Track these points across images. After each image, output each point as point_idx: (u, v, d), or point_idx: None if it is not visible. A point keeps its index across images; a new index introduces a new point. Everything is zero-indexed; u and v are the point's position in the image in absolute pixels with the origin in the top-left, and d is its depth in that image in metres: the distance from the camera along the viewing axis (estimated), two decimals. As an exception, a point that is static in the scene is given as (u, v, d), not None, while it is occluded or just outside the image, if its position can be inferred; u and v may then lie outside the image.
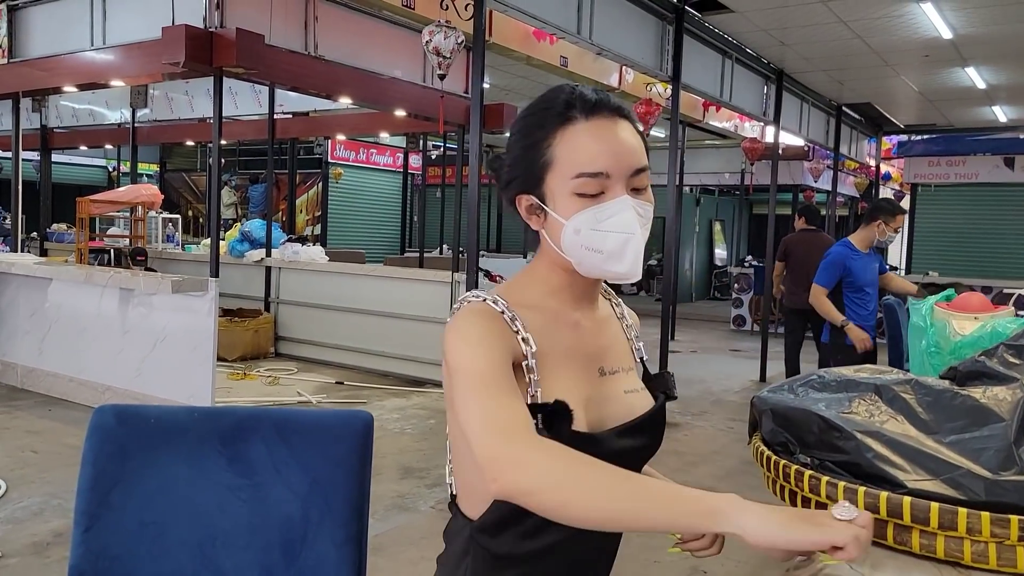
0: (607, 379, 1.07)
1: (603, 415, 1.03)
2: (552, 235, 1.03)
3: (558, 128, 1.00)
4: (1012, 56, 6.84)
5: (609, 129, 1.00)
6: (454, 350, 0.96)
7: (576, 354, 1.05)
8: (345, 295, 6.96)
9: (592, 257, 1.00)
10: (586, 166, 0.98)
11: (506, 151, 1.09)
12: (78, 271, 5.57)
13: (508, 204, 1.08)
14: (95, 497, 1.32)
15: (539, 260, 1.10)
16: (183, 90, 8.87)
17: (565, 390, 1.00)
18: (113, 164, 14.30)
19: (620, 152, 1.00)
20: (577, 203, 0.99)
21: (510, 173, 1.06)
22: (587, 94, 1.02)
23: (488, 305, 1.00)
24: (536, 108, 1.05)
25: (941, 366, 1.51)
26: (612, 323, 1.16)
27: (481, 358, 0.93)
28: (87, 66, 5.57)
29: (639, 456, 1.08)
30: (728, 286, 13.61)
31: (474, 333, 0.96)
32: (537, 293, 1.07)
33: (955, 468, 1.18)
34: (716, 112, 8.37)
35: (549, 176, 1.01)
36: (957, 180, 11.86)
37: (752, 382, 7.24)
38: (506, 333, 0.98)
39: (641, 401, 1.09)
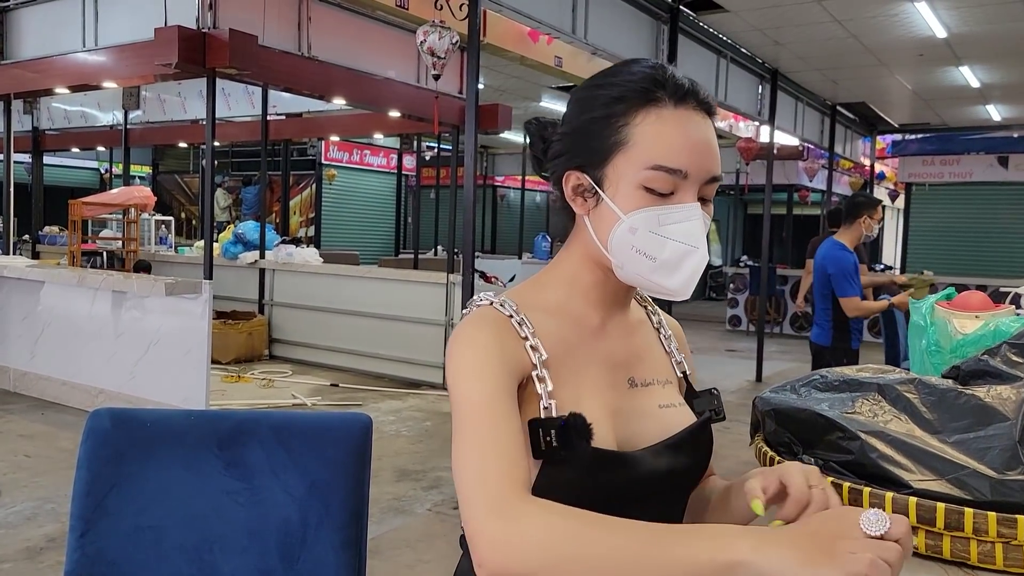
0: (639, 391, 0.96)
1: (634, 431, 0.92)
2: (599, 226, 0.91)
3: (642, 107, 0.88)
4: (1006, 55, 6.87)
5: (697, 124, 0.89)
6: (452, 370, 0.86)
7: (601, 362, 0.94)
8: (339, 297, 6.94)
9: (640, 263, 0.89)
10: (666, 159, 0.86)
11: (564, 120, 0.96)
12: (71, 274, 5.54)
13: (552, 178, 0.97)
14: (90, 502, 1.30)
15: (570, 253, 0.97)
16: (176, 91, 8.84)
17: (586, 401, 0.89)
18: (105, 166, 14.26)
19: (703, 153, 0.89)
20: (642, 198, 0.87)
21: (565, 144, 0.94)
22: (679, 77, 0.90)
23: (494, 309, 0.90)
24: (615, 78, 0.92)
25: (942, 365, 1.51)
26: (646, 331, 1.04)
27: (478, 390, 0.82)
28: (79, 67, 5.54)
29: (679, 480, 0.95)
30: (724, 286, 13.64)
31: (474, 354, 0.85)
32: (559, 293, 0.96)
33: (960, 468, 1.17)
34: (710, 112, 8.36)
35: (618, 158, 0.88)
36: (951, 179, 11.91)
37: (748, 382, 7.24)
38: (511, 343, 0.87)
39: (680, 417, 0.97)
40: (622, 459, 0.87)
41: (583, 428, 0.83)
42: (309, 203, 13.38)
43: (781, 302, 10.58)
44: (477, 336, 0.87)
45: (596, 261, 0.94)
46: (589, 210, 0.92)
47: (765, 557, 0.67)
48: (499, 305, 0.91)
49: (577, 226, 0.96)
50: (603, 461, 0.84)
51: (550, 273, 0.98)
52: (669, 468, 0.92)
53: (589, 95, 0.93)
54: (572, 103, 0.96)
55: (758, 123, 8.36)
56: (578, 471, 0.83)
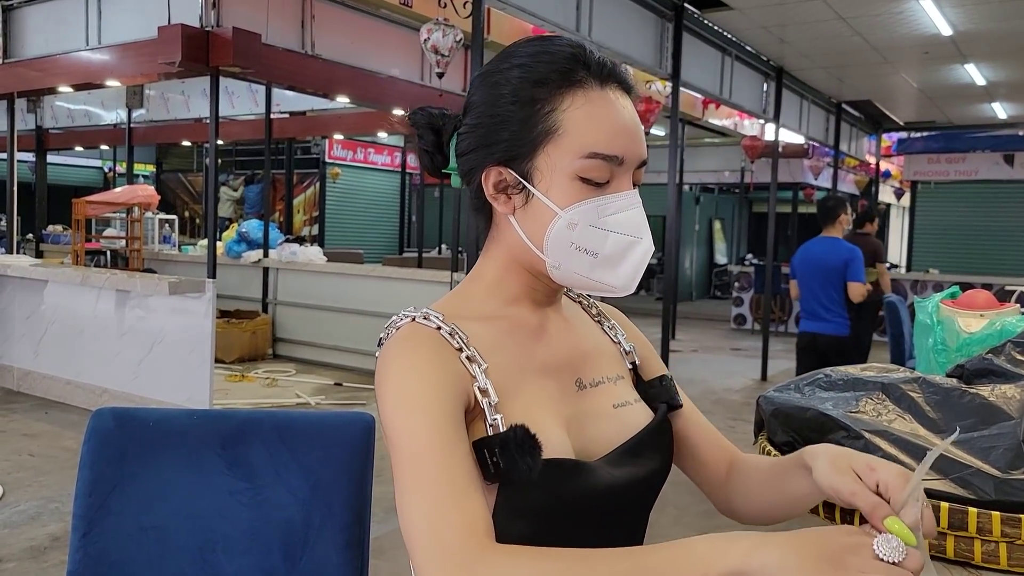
0: (589, 393, 0.87)
1: (590, 437, 0.84)
2: (529, 224, 0.82)
3: (567, 90, 0.80)
4: (1012, 52, 6.84)
5: (624, 105, 0.82)
6: (386, 404, 0.75)
7: (545, 367, 0.84)
8: (343, 296, 6.94)
9: (580, 260, 0.80)
10: (602, 145, 0.79)
11: (471, 108, 0.85)
12: (74, 273, 5.55)
13: (463, 177, 0.87)
14: (93, 501, 1.30)
15: (490, 257, 0.88)
16: (179, 90, 8.85)
17: (536, 411, 0.80)
18: (109, 165, 14.29)
19: (634, 136, 0.82)
20: (579, 189, 0.79)
21: (478, 136, 0.83)
22: (597, 54, 0.82)
23: (419, 325, 0.80)
24: (530, 59, 0.82)
25: (947, 364, 1.50)
26: (586, 324, 0.96)
27: (421, 424, 0.72)
28: (82, 66, 5.55)
29: (646, 486, 0.87)
30: (729, 285, 13.61)
31: (407, 382, 0.75)
32: (487, 304, 0.86)
33: (964, 467, 1.17)
34: (716, 110, 8.36)
35: (549, 147, 0.80)
36: (957, 177, 11.88)
37: (753, 381, 7.23)
38: (447, 358, 0.77)
39: (636, 416, 0.89)
40: (580, 467, 0.79)
41: (527, 441, 0.73)
42: (313, 201, 13.39)
43: (786, 300, 10.56)
44: (407, 359, 0.77)
45: (524, 264, 0.85)
46: (515, 208, 0.83)
47: (762, 562, 0.60)
48: (423, 319, 0.81)
49: (497, 228, 0.87)
50: (560, 472, 0.76)
51: (472, 284, 0.89)
52: (634, 475, 0.84)
53: (502, 79, 0.82)
54: (481, 88, 0.84)
55: (763, 121, 8.33)
56: (534, 489, 0.74)
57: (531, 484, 0.74)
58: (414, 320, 0.81)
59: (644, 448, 0.86)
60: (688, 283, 15.14)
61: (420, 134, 0.89)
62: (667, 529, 3.42)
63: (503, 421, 0.76)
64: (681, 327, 10.20)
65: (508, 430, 0.74)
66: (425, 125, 0.89)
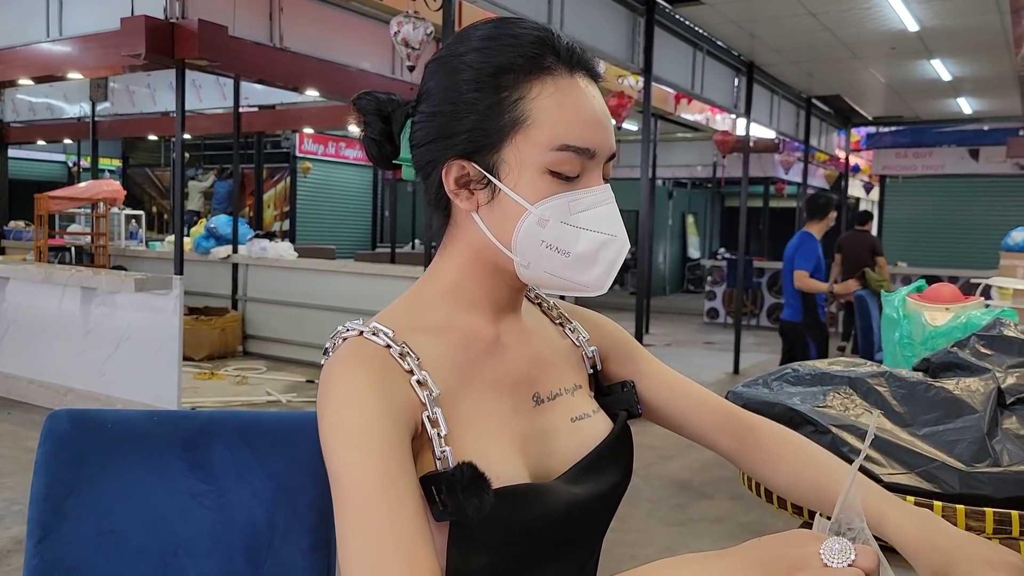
0: (546, 408, 0.83)
1: (547, 455, 0.80)
2: (496, 222, 0.76)
3: (536, 77, 0.75)
4: (976, 48, 6.95)
5: (593, 95, 0.77)
6: (326, 432, 0.70)
7: (500, 383, 0.80)
8: (315, 292, 6.88)
9: (551, 259, 0.76)
10: (574, 137, 0.74)
11: (427, 95, 0.78)
12: (37, 270, 5.43)
13: (419, 170, 0.80)
14: (49, 506, 1.26)
15: (449, 258, 0.82)
16: (145, 83, 8.70)
17: (489, 436, 0.76)
18: (73, 159, 14.00)
19: (605, 127, 0.77)
20: (549, 184, 0.74)
21: (437, 126, 0.77)
22: (565, 39, 0.77)
23: (366, 341, 0.74)
24: (494, 42, 0.76)
25: (914, 357, 1.51)
26: (546, 330, 0.90)
27: (362, 461, 0.66)
28: (44, 58, 5.43)
29: (607, 500, 0.84)
30: (701, 279, 13.72)
31: (350, 410, 0.69)
32: (443, 309, 0.81)
33: (930, 461, 1.18)
34: (688, 105, 8.40)
35: (516, 140, 0.74)
36: (924, 172, 12.07)
37: (726, 374, 7.29)
38: (395, 382, 0.72)
39: (595, 428, 0.85)
40: (537, 491, 0.75)
41: (474, 481, 0.69)
42: (283, 196, 13.25)
43: (758, 294, 10.66)
44: (350, 383, 0.71)
45: (487, 264, 0.79)
46: (479, 205, 0.77)
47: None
48: (371, 335, 0.74)
49: (456, 225, 0.81)
50: (516, 500, 0.72)
51: (427, 286, 0.83)
52: (593, 493, 0.80)
53: (461, 64, 0.76)
54: (438, 74, 0.78)
55: (734, 116, 8.40)
56: (488, 522, 0.70)
57: (483, 520, 0.69)
58: (361, 335, 0.75)
59: (603, 461, 0.83)
60: (661, 277, 15.23)
61: (367, 121, 0.83)
62: (641, 522, 3.43)
63: (452, 454, 0.72)
64: (654, 321, 10.25)
65: (455, 469, 0.69)
66: (372, 111, 0.82)
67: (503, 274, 0.80)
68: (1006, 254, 4.65)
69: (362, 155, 8.18)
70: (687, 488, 3.98)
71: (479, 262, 0.80)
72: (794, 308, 4.75)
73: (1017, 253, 4.56)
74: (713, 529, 3.41)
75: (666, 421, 0.96)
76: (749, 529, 3.38)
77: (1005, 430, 1.16)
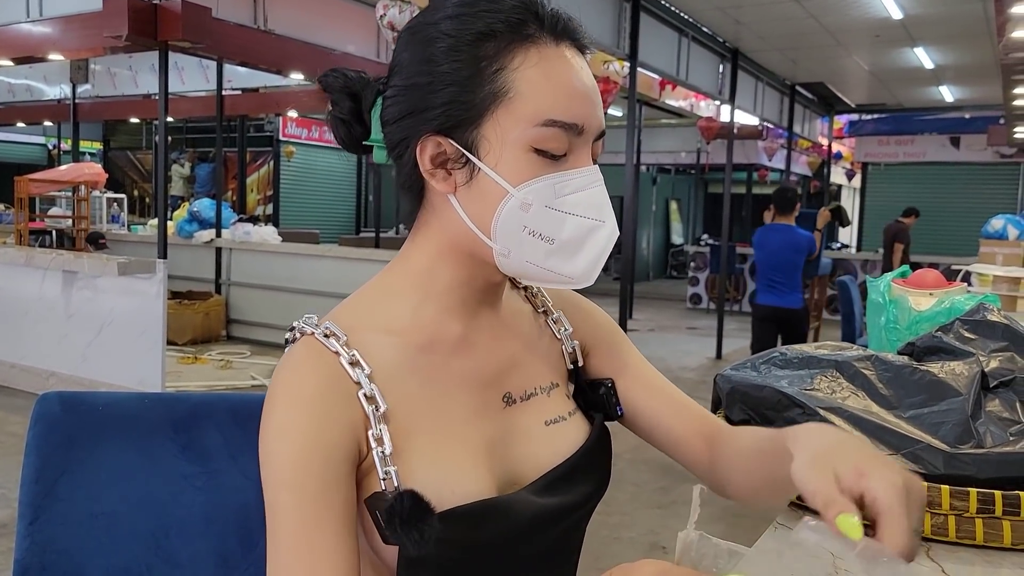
0: (517, 409, 0.76)
1: (517, 461, 0.74)
2: (475, 205, 0.70)
3: (519, 45, 0.68)
4: (958, 36, 7.00)
5: (581, 66, 0.71)
6: (264, 455, 0.68)
7: (466, 383, 0.74)
8: (299, 276, 6.85)
9: (533, 247, 0.69)
10: (560, 111, 0.67)
11: (398, 68, 0.72)
12: (17, 253, 5.36)
13: (391, 149, 0.73)
14: (40, 488, 1.26)
15: (421, 245, 0.75)
16: (126, 65, 8.58)
17: (448, 442, 0.70)
18: (53, 142, 13.81)
19: (594, 102, 0.70)
20: (532, 163, 0.67)
21: (410, 100, 0.70)
22: (549, 6, 0.72)
23: (319, 345, 0.69)
24: (471, 8, 0.69)
25: (899, 341, 1.54)
26: (525, 322, 0.82)
27: (294, 502, 0.64)
28: (23, 39, 5.33)
29: (580, 512, 0.77)
30: (685, 265, 13.78)
31: (295, 441, 0.65)
32: (410, 300, 0.74)
33: (915, 442, 1.20)
34: (672, 91, 8.40)
35: (499, 114, 0.67)
36: (906, 159, 12.17)
37: (709, 359, 7.35)
38: (339, 398, 0.68)
39: (570, 433, 0.78)
40: (496, 507, 0.69)
41: (415, 511, 0.64)
42: (267, 180, 13.14)
43: (741, 280, 10.72)
44: (292, 410, 0.67)
45: (462, 252, 0.73)
46: (457, 186, 0.70)
47: None
48: (323, 336, 0.70)
49: (431, 209, 0.74)
50: (471, 520, 0.67)
51: (395, 274, 0.77)
52: (563, 504, 0.74)
53: (436, 32, 0.69)
54: (412, 44, 0.71)
55: (719, 102, 8.41)
56: (441, 545, 0.65)
57: (433, 544, 0.65)
58: (313, 334, 0.70)
59: (577, 472, 0.76)
60: (645, 263, 15.28)
61: (334, 99, 0.77)
62: (624, 505, 3.47)
63: (398, 474, 0.67)
64: (638, 307, 10.29)
65: (394, 498, 0.65)
66: (340, 89, 0.76)
67: (480, 265, 0.73)
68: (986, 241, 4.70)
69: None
70: (671, 471, 4.02)
71: (454, 250, 0.73)
72: (797, 294, 4.81)
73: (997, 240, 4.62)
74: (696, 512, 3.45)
75: (642, 424, 0.89)
76: (731, 511, 3.42)
77: (988, 413, 1.18)
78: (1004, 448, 1.09)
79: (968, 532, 1.11)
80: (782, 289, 4.80)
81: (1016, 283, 2.91)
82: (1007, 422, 1.17)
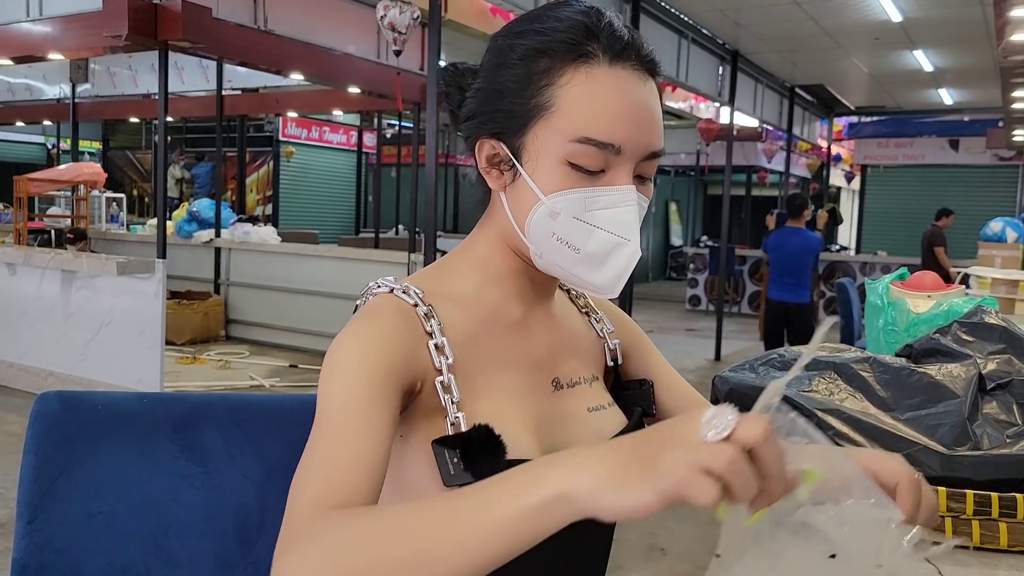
0: (564, 394, 0.81)
1: (561, 441, 0.78)
2: (516, 205, 0.76)
3: (570, 63, 0.73)
4: (957, 40, 7.01)
5: (635, 87, 0.74)
6: (325, 367, 0.70)
7: (520, 362, 0.79)
8: (298, 276, 6.84)
9: (561, 253, 0.74)
10: (597, 130, 0.71)
11: (480, 71, 0.79)
12: (16, 252, 5.36)
13: (465, 142, 0.81)
14: (39, 487, 1.26)
15: (484, 233, 0.82)
16: (126, 64, 8.58)
17: (504, 410, 0.74)
18: (52, 141, 13.81)
19: (643, 123, 0.74)
20: (567, 176, 0.73)
21: (479, 102, 0.78)
22: (616, 27, 0.74)
23: (395, 297, 0.75)
24: (538, 24, 0.75)
25: (897, 343, 1.54)
26: (571, 318, 0.89)
27: (344, 393, 0.66)
28: (23, 38, 5.34)
29: None
30: (684, 266, 13.78)
31: (352, 348, 0.69)
32: (472, 281, 0.80)
33: (912, 444, 1.20)
34: (672, 92, 8.41)
35: (540, 125, 0.73)
36: (905, 161, 12.18)
37: (707, 361, 7.35)
38: (410, 338, 0.72)
39: (610, 422, 0.83)
40: None
41: (490, 441, 0.68)
42: (266, 180, 13.14)
43: (740, 282, 10.73)
44: (363, 327, 0.72)
45: (513, 245, 0.79)
46: (505, 185, 0.77)
47: (576, 483, 0.51)
48: (401, 292, 0.75)
49: (493, 202, 0.81)
50: None
51: (460, 256, 0.83)
52: None
53: (508, 44, 0.76)
54: (490, 52, 0.79)
55: (718, 104, 8.42)
56: None
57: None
58: (392, 292, 0.76)
59: None
60: (644, 265, 15.29)
61: (447, 92, 0.82)
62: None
63: (465, 420, 0.71)
64: (637, 308, 10.28)
65: (471, 429, 0.69)
66: (453, 83, 0.81)
67: (528, 259, 0.79)
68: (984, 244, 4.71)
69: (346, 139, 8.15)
70: (670, 473, 4.02)
71: (506, 242, 0.80)
72: (806, 290, 5.44)
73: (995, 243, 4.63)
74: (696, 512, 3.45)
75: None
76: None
77: (985, 415, 1.18)
78: (1001, 450, 1.09)
79: (964, 532, 1.11)
80: (793, 286, 5.39)
81: (1014, 286, 2.91)
82: (1004, 424, 1.17)
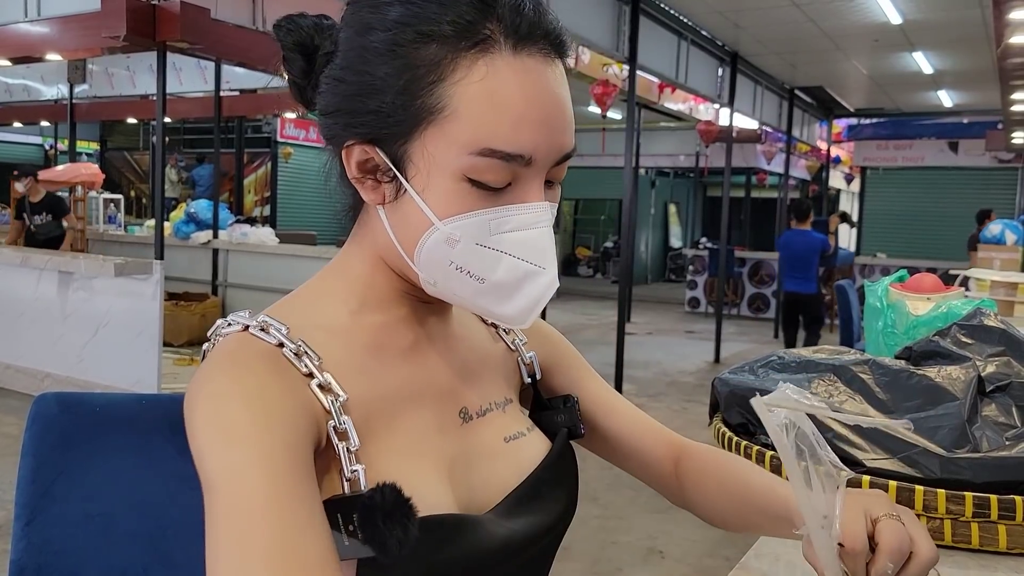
0: (475, 425, 0.68)
1: (479, 483, 0.65)
2: (400, 225, 0.61)
3: (465, 52, 0.57)
4: (957, 42, 7.02)
5: (546, 79, 0.59)
6: (196, 441, 0.54)
7: (420, 396, 0.65)
8: (296, 278, 6.71)
9: (462, 283, 0.60)
10: (503, 139, 0.57)
11: (340, 50, 0.61)
12: (13, 253, 5.35)
13: (326, 140, 0.66)
14: (37, 489, 1.26)
15: (357, 249, 0.67)
16: (124, 65, 8.57)
17: (407, 456, 0.61)
18: (50, 142, 13.80)
19: (555, 124, 0.59)
20: (466, 194, 0.58)
21: (340, 94, 0.61)
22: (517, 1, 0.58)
23: (251, 337, 0.58)
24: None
25: (896, 346, 1.54)
26: (474, 333, 0.74)
27: (243, 466, 0.50)
28: (21, 39, 5.33)
29: (552, 534, 0.69)
30: (683, 268, 13.79)
31: (223, 410, 0.53)
32: (349, 305, 0.65)
33: (912, 447, 1.20)
34: (672, 94, 8.41)
35: (429, 133, 0.58)
36: (904, 163, 12.19)
37: (707, 363, 7.35)
38: (286, 386, 0.56)
39: (531, 449, 0.71)
40: (467, 524, 0.60)
41: (399, 507, 0.53)
42: (264, 182, 13.13)
43: (739, 284, 10.73)
44: (227, 382, 0.55)
45: (397, 268, 0.64)
46: (385, 200, 0.61)
47: None
48: (259, 330, 0.59)
49: (368, 213, 0.66)
50: (441, 533, 0.58)
51: (331, 278, 0.67)
52: (532, 523, 0.66)
53: (376, 20, 0.58)
54: (350, 26, 0.61)
55: (718, 106, 8.43)
56: (408, 562, 0.56)
57: (404, 557, 0.54)
58: (246, 329, 0.59)
59: (545, 487, 0.69)
60: (643, 266, 15.29)
61: (287, 56, 0.65)
62: (622, 509, 3.47)
63: (364, 473, 0.57)
64: (636, 310, 10.29)
65: (373, 491, 0.54)
66: (292, 46, 0.64)
67: (413, 283, 0.65)
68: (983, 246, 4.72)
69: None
70: (668, 475, 4.02)
71: (384, 258, 0.65)
72: (813, 282, 6.19)
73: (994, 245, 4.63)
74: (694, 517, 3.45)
75: (607, 447, 0.83)
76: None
77: (984, 417, 1.18)
78: (1000, 452, 1.09)
79: (964, 536, 1.11)
80: (801, 279, 6.19)
81: (1013, 288, 2.92)
82: (1003, 427, 1.17)
